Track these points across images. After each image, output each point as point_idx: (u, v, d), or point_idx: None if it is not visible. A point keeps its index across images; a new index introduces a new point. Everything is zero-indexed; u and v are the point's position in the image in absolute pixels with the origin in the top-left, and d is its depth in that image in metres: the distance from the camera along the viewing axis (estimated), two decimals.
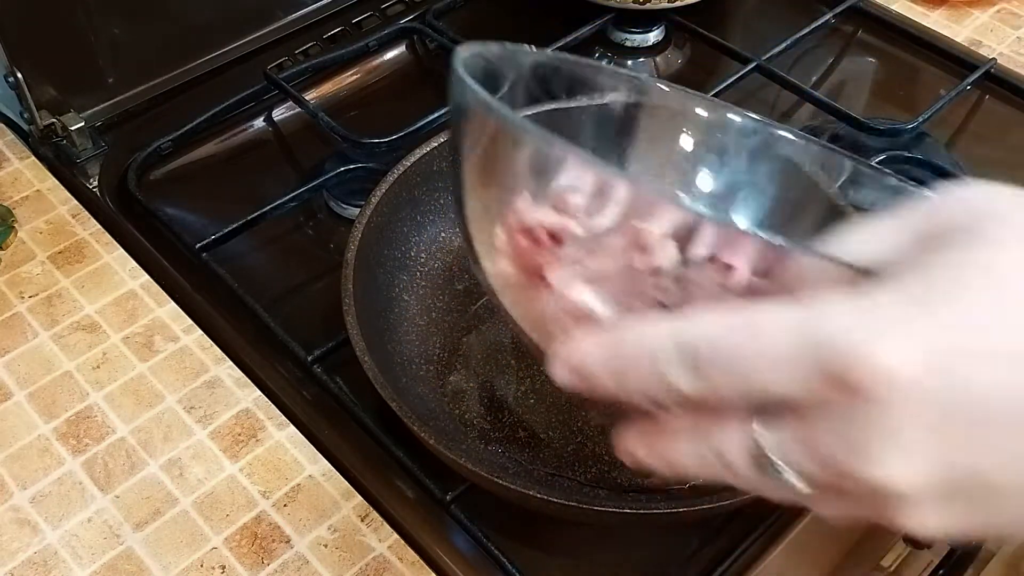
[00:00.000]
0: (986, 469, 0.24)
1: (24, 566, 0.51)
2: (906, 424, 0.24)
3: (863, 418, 0.24)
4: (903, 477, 0.24)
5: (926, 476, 0.25)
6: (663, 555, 0.55)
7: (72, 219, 0.68)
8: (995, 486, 0.25)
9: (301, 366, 0.60)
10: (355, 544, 0.52)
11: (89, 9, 0.72)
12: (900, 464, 0.24)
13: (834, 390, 0.24)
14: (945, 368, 0.24)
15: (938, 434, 0.24)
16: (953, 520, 0.26)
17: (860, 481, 0.25)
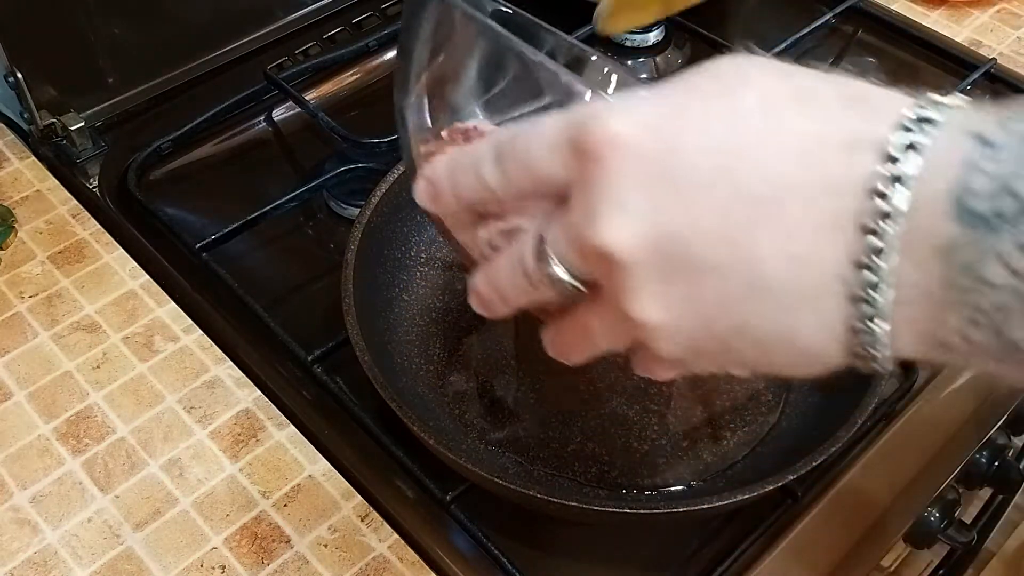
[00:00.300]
0: (690, 236, 0.27)
1: (24, 566, 0.51)
2: (624, 182, 0.27)
3: (594, 184, 0.28)
4: (621, 237, 0.27)
5: (641, 237, 0.27)
6: (663, 555, 0.55)
7: (72, 219, 0.68)
8: (700, 262, 0.27)
9: (301, 366, 0.60)
10: (355, 544, 0.52)
11: (89, 9, 0.72)
12: (618, 222, 0.27)
13: (578, 160, 0.28)
14: (663, 135, 0.27)
15: (650, 192, 0.27)
16: (673, 310, 0.28)
17: (592, 251, 0.28)
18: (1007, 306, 0.24)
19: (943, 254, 0.24)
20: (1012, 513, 0.80)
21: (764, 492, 0.50)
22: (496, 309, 0.34)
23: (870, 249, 0.25)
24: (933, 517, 0.60)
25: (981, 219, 0.23)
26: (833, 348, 0.27)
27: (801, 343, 0.27)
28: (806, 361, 0.28)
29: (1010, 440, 0.67)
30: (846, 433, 0.51)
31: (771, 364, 0.29)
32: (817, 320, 0.27)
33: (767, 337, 0.28)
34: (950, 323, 0.25)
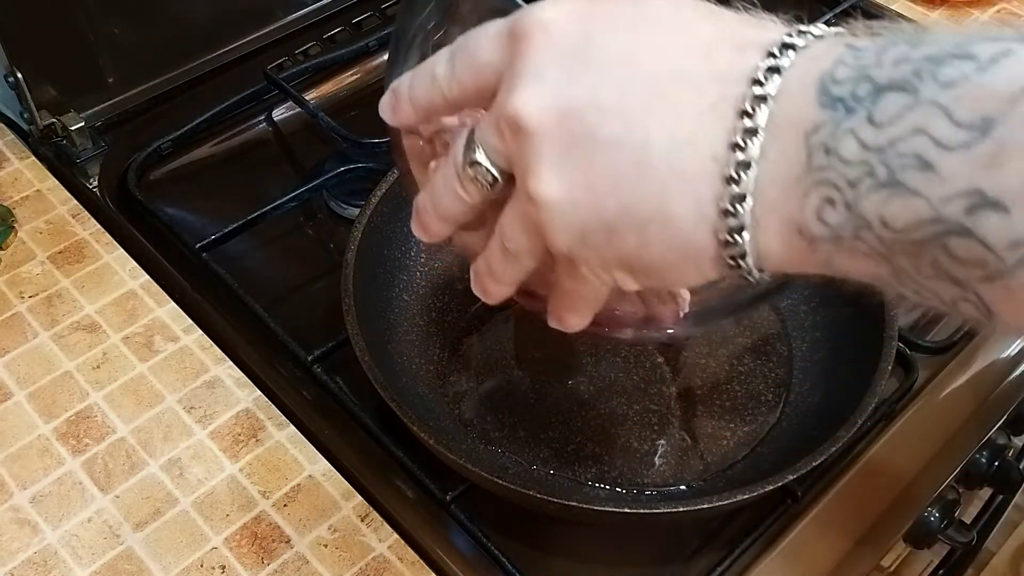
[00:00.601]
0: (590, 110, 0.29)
1: (24, 566, 0.51)
2: (543, 57, 0.30)
3: (518, 59, 0.31)
4: (532, 105, 0.30)
5: (548, 108, 0.30)
6: (663, 555, 0.55)
7: (72, 219, 0.68)
8: (596, 136, 0.29)
9: (301, 366, 0.60)
10: (355, 544, 0.52)
11: (89, 9, 0.72)
12: (531, 91, 0.30)
13: (510, 42, 0.31)
14: (582, 21, 0.30)
15: (563, 68, 0.30)
16: (568, 185, 0.30)
17: (507, 122, 0.30)
18: (858, 180, 0.26)
19: (806, 136, 0.27)
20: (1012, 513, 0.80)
21: (764, 492, 0.50)
22: (432, 227, 0.36)
23: (744, 131, 0.27)
24: (933, 517, 0.60)
25: (840, 101, 0.26)
26: (704, 235, 0.29)
27: (677, 226, 0.29)
28: (681, 255, 0.30)
29: (1010, 440, 0.67)
30: (846, 433, 0.51)
31: (651, 259, 0.30)
32: (693, 202, 0.29)
33: (648, 221, 0.29)
34: (809, 204, 0.27)
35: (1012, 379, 0.64)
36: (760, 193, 0.28)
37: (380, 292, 0.61)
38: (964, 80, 0.24)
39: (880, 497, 0.57)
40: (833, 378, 0.59)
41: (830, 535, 0.55)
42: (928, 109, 0.24)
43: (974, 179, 0.24)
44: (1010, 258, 0.24)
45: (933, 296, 0.27)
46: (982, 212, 0.24)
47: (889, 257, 0.27)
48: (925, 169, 0.25)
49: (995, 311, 0.26)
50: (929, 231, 0.25)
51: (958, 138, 0.24)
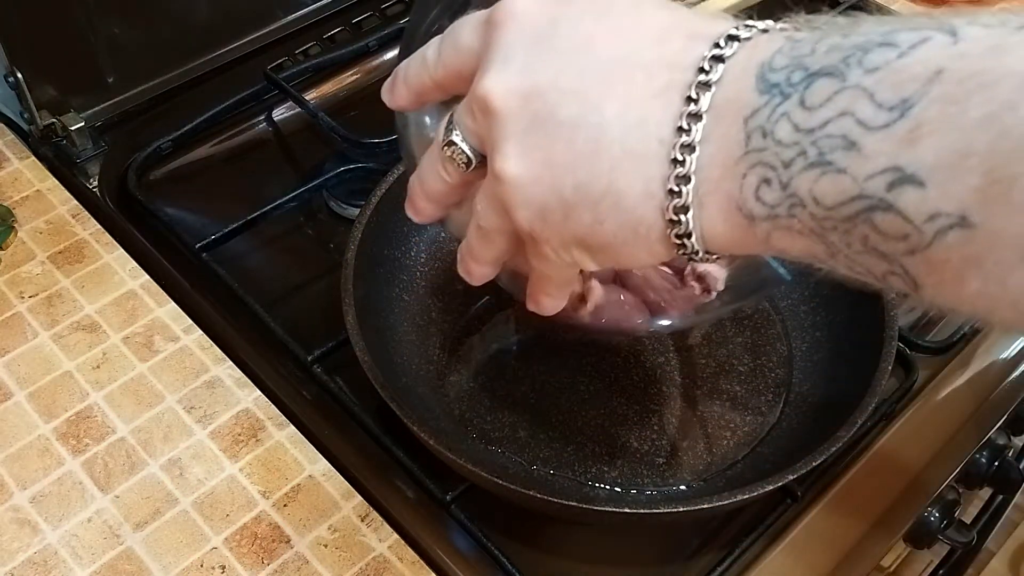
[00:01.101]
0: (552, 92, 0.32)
1: (24, 566, 0.51)
2: (513, 42, 0.33)
3: (490, 45, 0.33)
4: (499, 86, 0.32)
5: (514, 89, 0.32)
6: (663, 555, 0.55)
7: (72, 219, 0.68)
8: (556, 117, 0.31)
9: (301, 366, 0.60)
10: (355, 544, 0.52)
11: (89, 9, 0.72)
12: (500, 74, 0.32)
13: (486, 29, 0.34)
14: (551, 9, 0.33)
15: (530, 52, 0.32)
16: (529, 163, 0.32)
17: (478, 103, 0.33)
18: (791, 161, 0.27)
19: (745, 120, 0.28)
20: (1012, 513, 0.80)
21: (764, 492, 0.50)
22: (419, 206, 0.39)
23: (688, 115, 0.29)
24: (933, 517, 0.60)
25: (776, 87, 0.28)
26: (652, 213, 0.31)
27: (627, 204, 0.31)
28: (632, 233, 0.32)
29: (1010, 440, 0.67)
30: (846, 433, 0.51)
31: (604, 237, 0.32)
32: (642, 181, 0.31)
33: (601, 198, 0.31)
34: (748, 184, 0.29)
35: (1012, 379, 0.64)
36: (703, 174, 0.30)
37: (380, 292, 0.61)
38: (886, 65, 0.26)
39: (880, 497, 0.57)
40: (833, 378, 0.59)
41: (830, 535, 0.55)
42: (854, 92, 0.26)
43: (894, 156, 0.25)
44: (928, 230, 0.25)
45: (865, 271, 0.28)
46: (901, 187, 0.25)
47: (822, 234, 0.28)
48: (850, 148, 0.26)
49: (920, 283, 0.27)
50: (856, 207, 0.26)
51: (880, 119, 0.26)
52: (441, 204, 0.39)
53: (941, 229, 0.25)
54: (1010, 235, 0.24)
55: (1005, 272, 0.24)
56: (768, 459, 0.57)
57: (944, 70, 0.25)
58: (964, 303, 0.26)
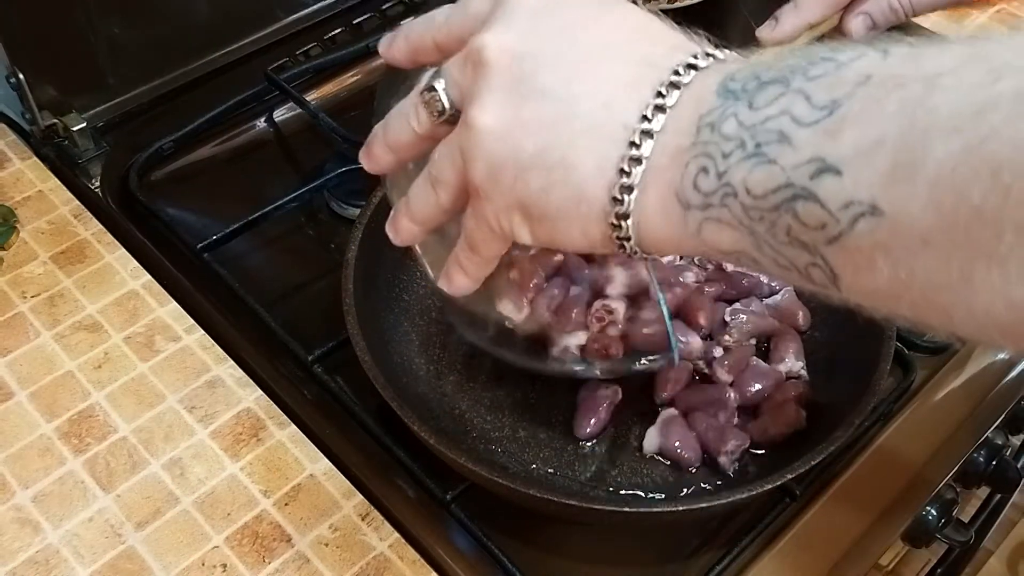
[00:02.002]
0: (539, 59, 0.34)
1: (26, 565, 0.51)
2: (518, 13, 0.35)
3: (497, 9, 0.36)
4: (497, 41, 0.35)
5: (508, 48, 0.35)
6: (663, 555, 0.56)
7: (74, 219, 0.68)
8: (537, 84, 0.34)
9: (302, 366, 0.60)
10: (356, 543, 0.52)
11: (90, 10, 0.72)
12: (501, 30, 0.35)
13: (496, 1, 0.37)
14: None
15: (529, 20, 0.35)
16: (501, 118, 0.34)
17: (473, 51, 0.35)
18: (731, 152, 0.30)
19: (700, 117, 0.31)
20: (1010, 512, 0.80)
21: (763, 491, 0.50)
22: (376, 152, 0.42)
23: (654, 107, 0.32)
24: (931, 516, 0.60)
25: (732, 93, 0.31)
26: (599, 189, 0.33)
27: (578, 175, 0.33)
28: (575, 205, 0.34)
29: (1008, 439, 0.67)
30: (844, 432, 0.51)
31: (548, 205, 0.34)
32: (597, 157, 0.33)
33: (556, 165, 0.34)
34: (688, 172, 0.31)
35: (1010, 379, 0.64)
36: (653, 160, 0.32)
37: (380, 292, 0.61)
38: (825, 75, 0.29)
39: (878, 496, 0.57)
40: (832, 378, 0.59)
41: (829, 534, 0.56)
42: (794, 95, 0.29)
43: (818, 148, 0.28)
44: (843, 218, 0.27)
45: (789, 264, 0.30)
46: (821, 176, 0.28)
47: (750, 226, 0.30)
48: (783, 141, 0.29)
49: (838, 274, 0.29)
50: (781, 196, 0.29)
51: (811, 116, 0.28)
52: (397, 154, 0.41)
53: (855, 216, 0.27)
54: (913, 219, 0.26)
55: (910, 257, 0.26)
56: (767, 459, 0.57)
57: (872, 76, 0.27)
58: (877, 295, 0.28)
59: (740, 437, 0.56)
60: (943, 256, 0.26)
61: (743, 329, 0.60)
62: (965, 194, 0.24)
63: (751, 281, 0.62)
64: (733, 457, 0.55)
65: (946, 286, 0.26)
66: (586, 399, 0.58)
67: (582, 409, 0.58)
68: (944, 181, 0.25)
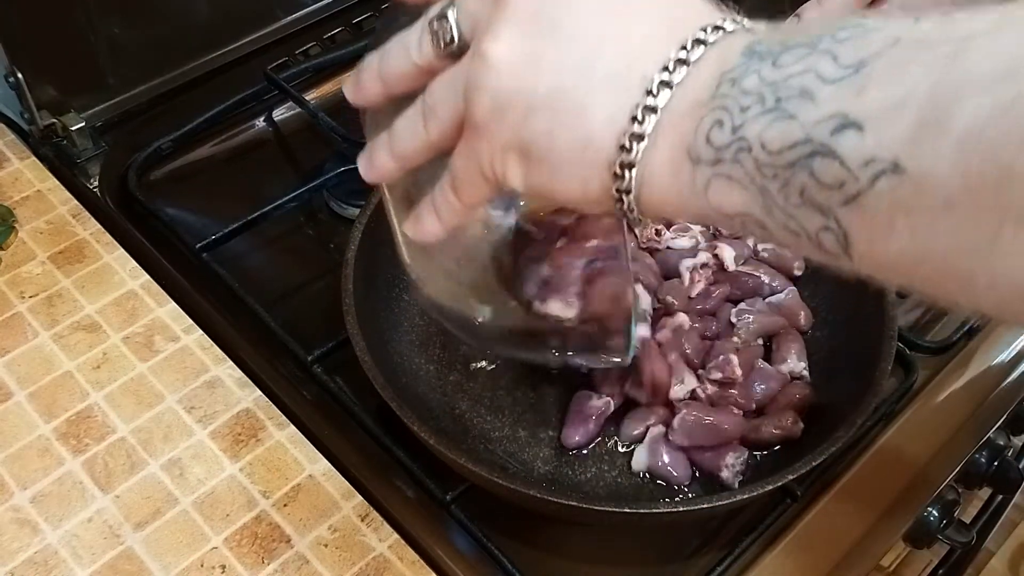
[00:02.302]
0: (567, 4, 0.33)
1: (25, 566, 0.51)
2: None
3: None
4: None
5: None
6: (663, 555, 0.55)
7: (72, 219, 0.68)
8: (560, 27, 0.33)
9: (301, 366, 0.60)
10: (355, 544, 0.52)
11: (89, 9, 0.72)
12: None
13: None
14: None
15: None
16: (517, 53, 0.33)
17: None
18: (749, 107, 0.29)
19: (722, 74, 0.30)
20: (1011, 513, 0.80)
21: (764, 492, 0.50)
22: (367, 83, 0.40)
23: (676, 61, 0.31)
24: (932, 517, 0.60)
25: (757, 54, 0.30)
26: (608, 137, 0.32)
27: (589, 119, 0.32)
28: (580, 151, 0.33)
29: (1009, 440, 0.67)
30: (846, 433, 0.51)
31: (551, 148, 0.33)
32: (612, 104, 0.32)
33: (567, 107, 0.33)
34: (702, 126, 0.30)
35: (1012, 379, 0.64)
36: (667, 111, 0.31)
37: (380, 292, 0.61)
38: (853, 37, 0.28)
39: (879, 497, 0.57)
40: (833, 378, 0.59)
41: (830, 535, 0.55)
42: (820, 55, 0.28)
43: (841, 104, 0.27)
44: (863, 176, 0.26)
45: (799, 228, 0.29)
46: (843, 132, 0.27)
47: (761, 185, 0.29)
48: (805, 97, 0.28)
49: (852, 239, 0.28)
50: (799, 152, 0.28)
51: (837, 74, 0.28)
52: (388, 86, 0.39)
53: (875, 174, 0.26)
54: (937, 179, 0.25)
55: (932, 219, 0.25)
56: (768, 459, 0.57)
57: (901, 38, 0.27)
58: (893, 262, 0.27)
59: (738, 450, 0.56)
60: (968, 218, 0.25)
61: (750, 329, 0.60)
62: (994, 154, 0.24)
63: (755, 281, 0.62)
64: (735, 470, 0.55)
65: (969, 250, 0.25)
66: (576, 410, 0.58)
67: (571, 419, 0.58)
68: (972, 141, 0.24)
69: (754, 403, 0.58)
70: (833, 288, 0.63)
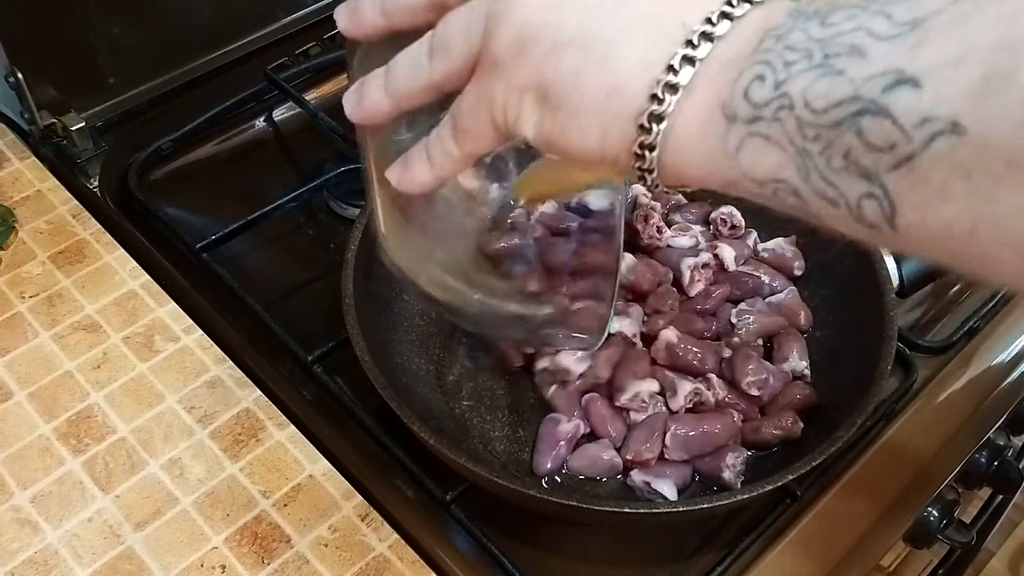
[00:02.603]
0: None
1: (25, 566, 0.51)
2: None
3: None
4: None
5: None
6: (663, 555, 0.55)
7: (72, 219, 0.68)
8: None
9: (301, 366, 0.60)
10: (355, 544, 0.52)
11: (89, 9, 0.72)
12: None
13: None
14: None
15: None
16: None
17: None
18: (793, 62, 0.27)
19: (766, 32, 0.29)
20: (1011, 513, 0.80)
21: (764, 492, 0.50)
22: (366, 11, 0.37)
23: (720, 13, 0.29)
24: (932, 517, 0.60)
25: (803, 13, 0.28)
26: (640, 83, 0.30)
27: (621, 62, 0.30)
28: (606, 95, 0.31)
29: (1009, 440, 0.67)
30: (846, 433, 0.51)
31: (575, 90, 0.31)
32: (646, 48, 0.30)
33: (598, 47, 0.30)
34: (741, 80, 0.28)
35: (1012, 379, 0.64)
36: (706, 64, 0.29)
37: (380, 292, 0.61)
38: None
39: (879, 497, 0.57)
40: (832, 378, 0.59)
41: (830, 535, 0.55)
42: (873, 14, 0.27)
43: (896, 60, 0.25)
44: (917, 136, 0.25)
45: (838, 195, 0.27)
46: (897, 89, 0.25)
47: (801, 146, 0.27)
48: (855, 54, 0.26)
49: (898, 206, 0.26)
50: (846, 110, 0.26)
51: (891, 31, 0.26)
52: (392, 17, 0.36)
53: (931, 135, 0.24)
54: (1000, 139, 0.23)
55: (992, 182, 0.24)
56: (768, 459, 0.57)
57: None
58: (941, 232, 0.25)
59: (737, 450, 0.56)
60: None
61: (751, 329, 0.60)
62: None
63: (755, 281, 0.62)
64: (737, 470, 0.55)
65: None
66: (545, 435, 0.57)
67: (541, 447, 0.57)
68: None
69: (756, 405, 0.58)
70: (833, 288, 0.63)
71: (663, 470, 0.55)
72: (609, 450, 0.56)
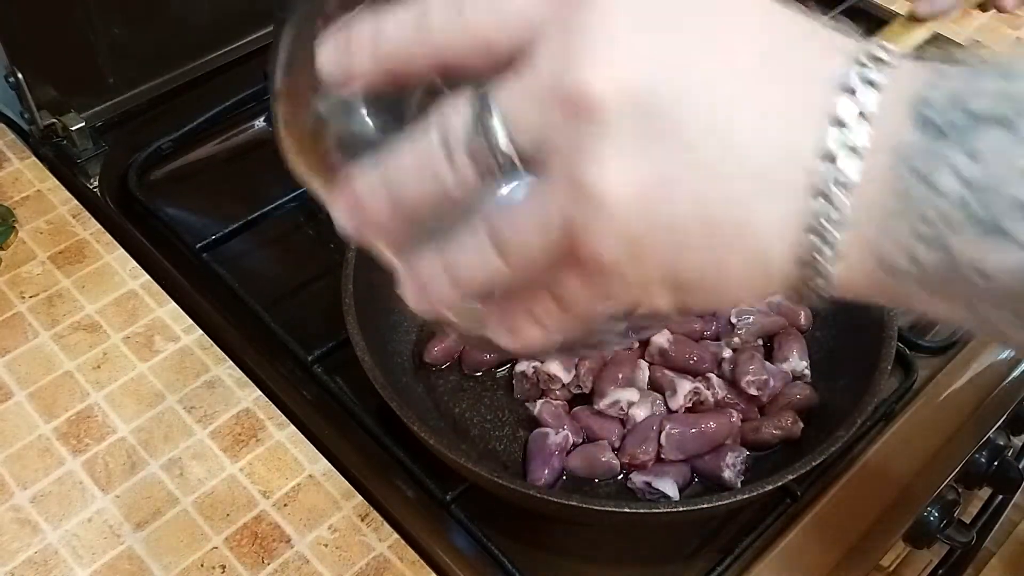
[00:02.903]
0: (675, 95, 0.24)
1: (25, 565, 0.51)
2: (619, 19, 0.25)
3: (583, 18, 0.25)
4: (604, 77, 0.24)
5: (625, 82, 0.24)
6: (663, 555, 0.55)
7: (72, 219, 0.68)
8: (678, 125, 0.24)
9: (301, 366, 0.60)
10: (355, 544, 0.52)
11: (89, 10, 0.72)
12: (605, 60, 0.24)
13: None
14: None
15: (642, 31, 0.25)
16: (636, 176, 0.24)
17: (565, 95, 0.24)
18: (952, 218, 0.23)
19: (900, 159, 0.24)
20: (1011, 513, 0.80)
21: (763, 492, 0.50)
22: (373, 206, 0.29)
23: (840, 143, 0.24)
24: (933, 517, 0.60)
25: (933, 125, 0.23)
26: (784, 253, 0.25)
27: (753, 231, 0.25)
28: (749, 268, 0.26)
29: (1009, 440, 0.67)
30: (845, 433, 0.51)
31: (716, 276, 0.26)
32: (775, 209, 0.25)
33: (724, 222, 0.25)
34: (898, 234, 0.24)
35: (1012, 379, 0.64)
36: (849, 216, 0.24)
37: (380, 292, 0.61)
38: None
39: (879, 497, 0.57)
40: (833, 378, 0.59)
41: (829, 535, 0.55)
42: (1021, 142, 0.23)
43: None
44: None
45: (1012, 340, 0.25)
46: None
47: (975, 304, 0.24)
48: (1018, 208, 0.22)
49: None
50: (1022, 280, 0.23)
51: None
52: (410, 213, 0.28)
53: None
54: None
55: None
56: (768, 459, 0.57)
57: None
58: None
59: (737, 449, 0.56)
60: None
61: (750, 329, 0.60)
62: None
63: None
64: (737, 469, 0.55)
65: None
66: (536, 450, 0.56)
67: (533, 461, 0.56)
68: None
69: (756, 405, 0.58)
70: None
71: (663, 469, 0.55)
72: (607, 451, 0.56)
